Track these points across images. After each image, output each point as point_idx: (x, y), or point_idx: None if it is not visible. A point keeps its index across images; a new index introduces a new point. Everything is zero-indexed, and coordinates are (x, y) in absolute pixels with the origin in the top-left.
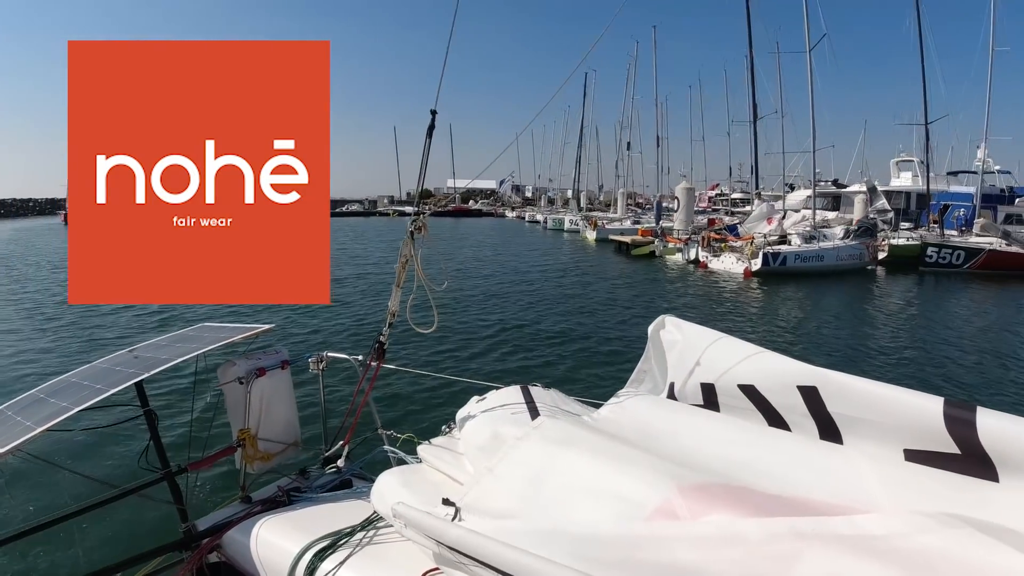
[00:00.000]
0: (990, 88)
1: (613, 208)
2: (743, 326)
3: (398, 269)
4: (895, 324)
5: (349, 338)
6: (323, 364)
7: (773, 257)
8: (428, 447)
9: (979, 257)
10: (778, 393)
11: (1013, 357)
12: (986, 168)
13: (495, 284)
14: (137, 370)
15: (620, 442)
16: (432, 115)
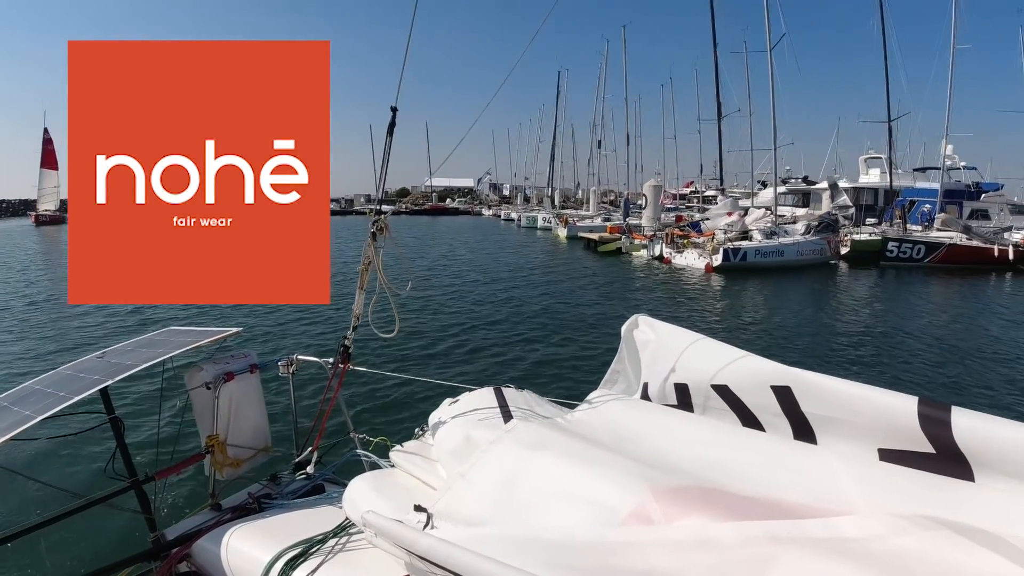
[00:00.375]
0: (951, 85)
1: (586, 206)
2: (704, 320)
3: (360, 271)
4: (852, 317)
5: (317, 337)
6: (293, 367)
7: (733, 253)
8: (400, 451)
9: (939, 251)
10: (752, 393)
11: (962, 348)
12: (952, 164)
13: (467, 283)
14: (102, 376)
15: (594, 445)
16: (392, 112)
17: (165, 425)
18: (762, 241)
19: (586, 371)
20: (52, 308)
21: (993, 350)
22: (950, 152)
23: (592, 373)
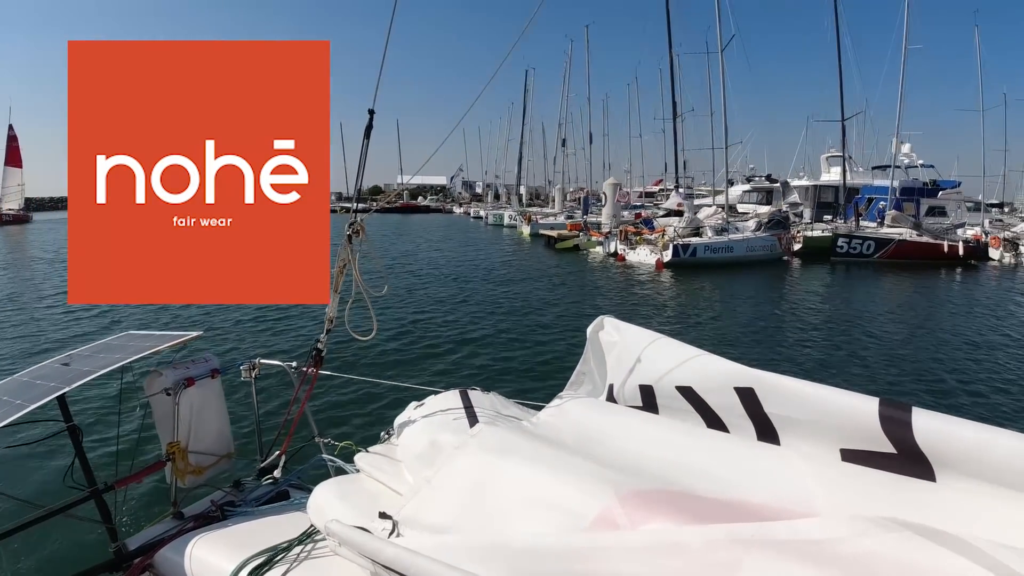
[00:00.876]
0: (902, 85)
1: (552, 203)
2: (654, 315)
3: (335, 274)
4: (799, 311)
5: (278, 339)
6: (255, 371)
7: (683, 248)
8: (366, 455)
9: (888, 247)
10: (716, 394)
11: (903, 339)
12: (910, 163)
13: (425, 280)
14: (59, 383)
15: (559, 448)
16: (370, 115)
17: (125, 432)
18: (712, 238)
19: (538, 371)
20: (14, 312)
21: (936, 340)
22: (907, 150)
23: (544, 371)
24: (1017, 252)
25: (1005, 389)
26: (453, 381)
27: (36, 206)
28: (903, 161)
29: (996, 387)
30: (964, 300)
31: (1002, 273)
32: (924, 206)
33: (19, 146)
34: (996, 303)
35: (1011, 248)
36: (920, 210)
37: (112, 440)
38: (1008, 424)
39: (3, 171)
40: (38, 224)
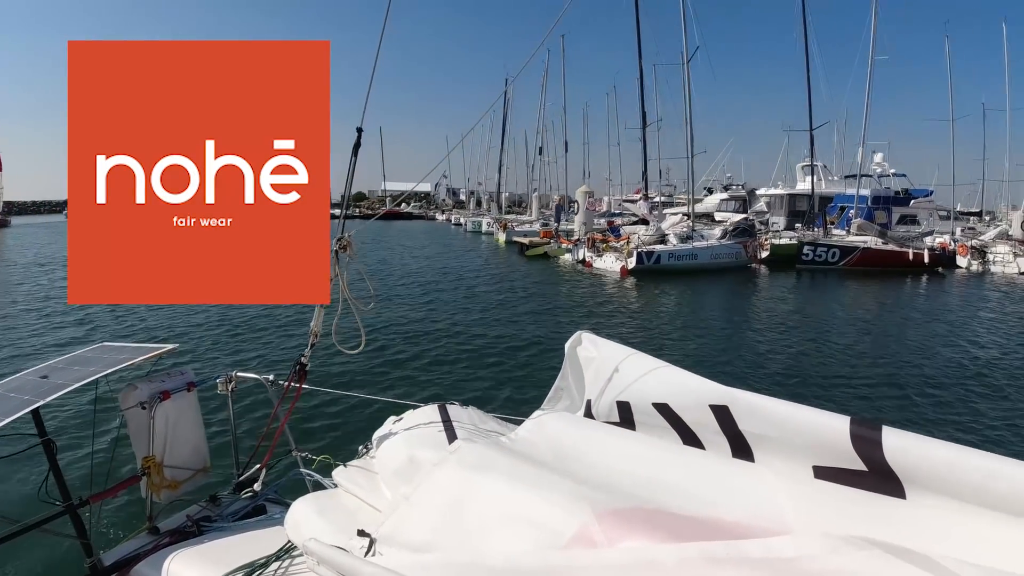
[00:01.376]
0: (868, 95)
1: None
2: (614, 320)
3: None
4: (759, 316)
5: (255, 351)
6: (232, 384)
7: (647, 256)
8: (344, 470)
9: (853, 255)
10: (691, 411)
11: (858, 344)
12: (882, 172)
13: (396, 289)
14: (33, 396)
15: (537, 465)
16: (358, 133)
17: (100, 446)
18: (676, 245)
19: (489, 379)
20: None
21: (884, 345)
22: (879, 160)
23: (496, 380)
24: (984, 260)
25: (932, 394)
26: (409, 391)
27: (17, 210)
28: (875, 170)
29: (923, 389)
30: (919, 307)
31: (967, 280)
32: (896, 214)
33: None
34: (949, 310)
35: (978, 256)
36: (892, 218)
37: (87, 454)
38: (932, 420)
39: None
40: (16, 228)
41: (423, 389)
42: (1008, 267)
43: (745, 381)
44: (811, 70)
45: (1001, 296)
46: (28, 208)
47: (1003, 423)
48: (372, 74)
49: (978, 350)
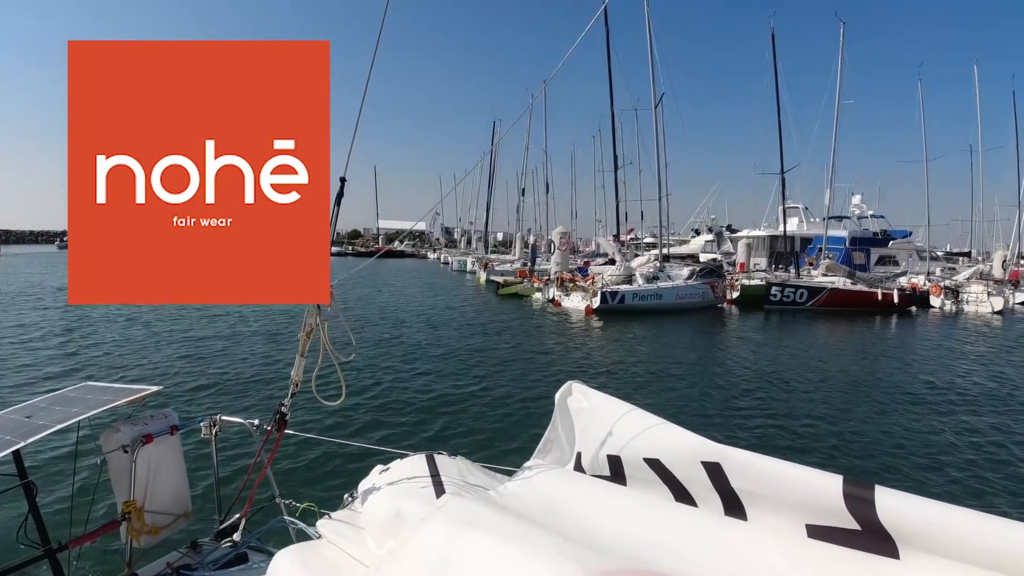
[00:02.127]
0: (835, 139)
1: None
2: (577, 357)
3: (302, 338)
4: (713, 355)
5: (241, 394)
6: (216, 428)
7: (611, 296)
8: (328, 521)
9: (821, 295)
10: (683, 467)
11: (818, 383)
12: (861, 213)
13: (368, 327)
14: (13, 437)
15: (527, 522)
16: (341, 183)
17: (80, 487)
18: (642, 285)
19: (444, 414)
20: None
21: (836, 386)
22: (858, 201)
23: (450, 419)
24: (957, 300)
25: (898, 443)
26: (364, 426)
27: (15, 238)
28: (854, 212)
29: (883, 438)
30: (879, 346)
31: (938, 320)
32: (874, 255)
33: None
34: (910, 350)
35: (951, 296)
36: (870, 259)
37: (67, 495)
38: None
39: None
40: (4, 259)
41: (365, 431)
42: (981, 306)
43: (701, 419)
44: (782, 115)
45: (965, 335)
46: (26, 237)
47: (961, 462)
48: (356, 123)
49: (926, 390)
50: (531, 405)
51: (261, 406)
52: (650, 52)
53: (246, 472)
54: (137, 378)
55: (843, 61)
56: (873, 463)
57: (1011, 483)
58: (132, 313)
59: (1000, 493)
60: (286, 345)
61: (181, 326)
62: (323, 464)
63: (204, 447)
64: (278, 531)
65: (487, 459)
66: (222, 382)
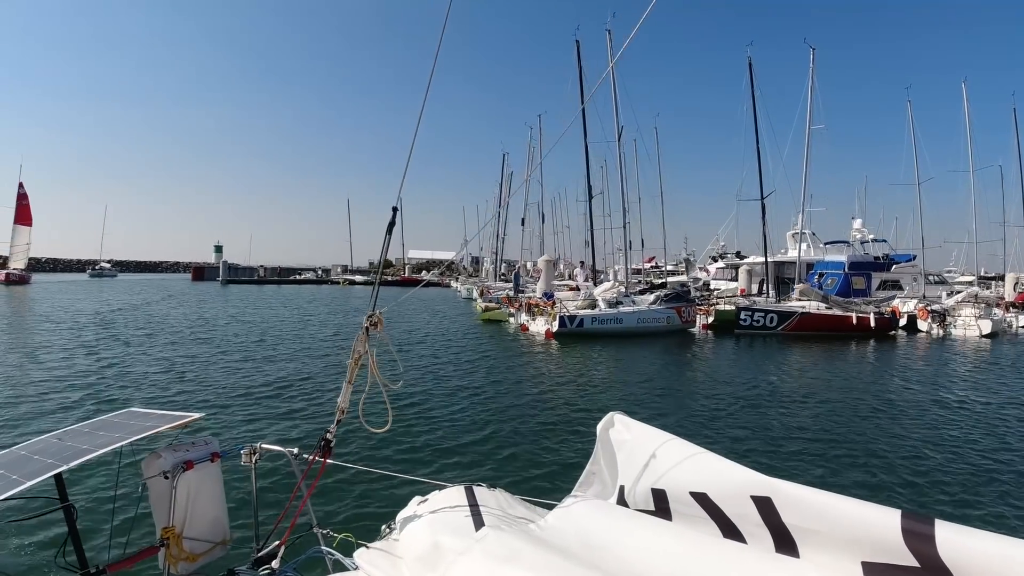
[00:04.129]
0: (806, 164)
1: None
2: (534, 376)
3: (350, 365)
4: (667, 377)
5: (277, 422)
6: (256, 456)
7: (570, 320)
8: (366, 552)
9: (792, 320)
10: (732, 502)
11: (742, 405)
12: (862, 238)
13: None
14: (56, 461)
15: (567, 557)
16: (393, 212)
17: (119, 513)
18: (602, 310)
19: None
20: (16, 376)
21: (777, 406)
22: (858, 226)
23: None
24: (944, 323)
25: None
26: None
27: (36, 267)
28: (855, 236)
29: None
30: (833, 370)
31: (916, 344)
32: (876, 280)
33: (29, 203)
34: (867, 374)
35: (939, 320)
36: (871, 284)
37: (106, 520)
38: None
39: (12, 229)
40: (37, 285)
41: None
42: (969, 330)
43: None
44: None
45: (932, 358)
46: (59, 266)
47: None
48: (408, 157)
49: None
50: (458, 416)
51: (307, 434)
52: (613, 88)
53: (284, 500)
54: (179, 404)
55: (813, 86)
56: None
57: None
58: (176, 339)
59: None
60: (321, 373)
61: (227, 352)
62: (362, 495)
63: (244, 474)
64: (315, 561)
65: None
66: (262, 410)
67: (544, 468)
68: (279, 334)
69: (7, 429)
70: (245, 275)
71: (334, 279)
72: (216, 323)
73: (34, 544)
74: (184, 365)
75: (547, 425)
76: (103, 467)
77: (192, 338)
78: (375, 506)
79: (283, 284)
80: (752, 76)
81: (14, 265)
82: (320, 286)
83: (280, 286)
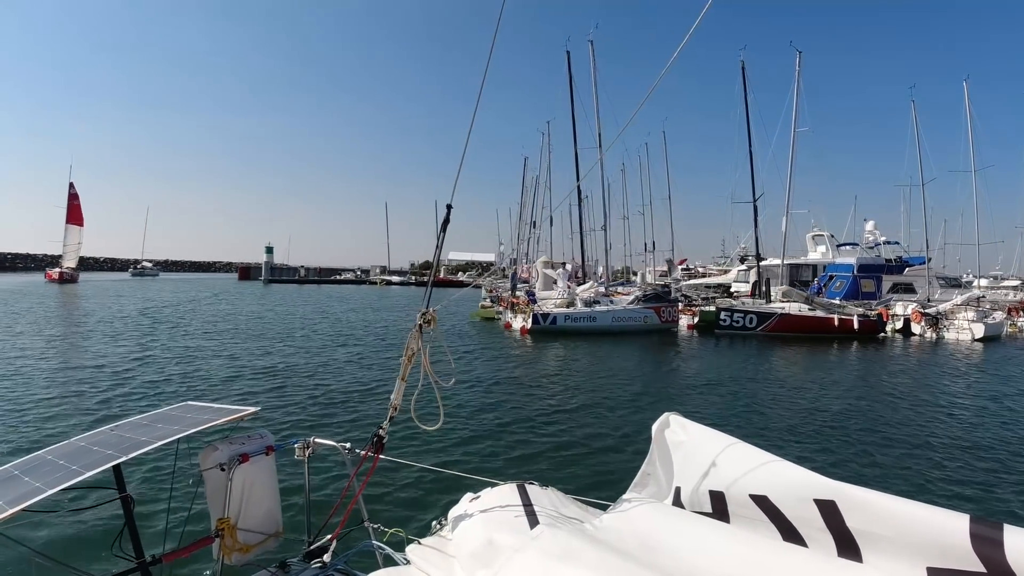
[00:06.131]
0: (791, 166)
1: None
2: (505, 368)
3: (403, 362)
4: (630, 372)
5: (332, 418)
6: (309, 450)
7: (543, 317)
8: (418, 548)
9: (771, 321)
10: (793, 505)
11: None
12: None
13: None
14: (115, 452)
15: (624, 557)
16: (448, 210)
17: (175, 504)
18: (578, 309)
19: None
20: (72, 370)
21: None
22: (871, 227)
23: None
24: (937, 327)
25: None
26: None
27: (95, 265)
28: (868, 238)
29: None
30: (799, 373)
31: (901, 347)
32: (887, 283)
33: (80, 204)
34: (828, 374)
35: (932, 323)
36: (881, 287)
37: (162, 510)
38: None
39: (64, 229)
40: (85, 284)
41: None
42: (962, 333)
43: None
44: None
45: (908, 362)
46: (104, 265)
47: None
48: (463, 155)
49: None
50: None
51: (359, 429)
52: (595, 99)
53: (336, 494)
54: (233, 398)
55: (799, 89)
56: None
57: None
58: (228, 338)
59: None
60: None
61: (280, 350)
62: (409, 489)
63: (296, 468)
64: (365, 555)
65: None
66: (315, 404)
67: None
68: (327, 329)
69: (60, 420)
70: (287, 275)
71: (372, 279)
72: (264, 319)
73: (92, 533)
74: (232, 358)
75: (490, 405)
76: (158, 458)
77: (240, 333)
78: (423, 502)
79: (323, 284)
80: (745, 80)
81: (66, 264)
82: (359, 286)
83: (320, 286)
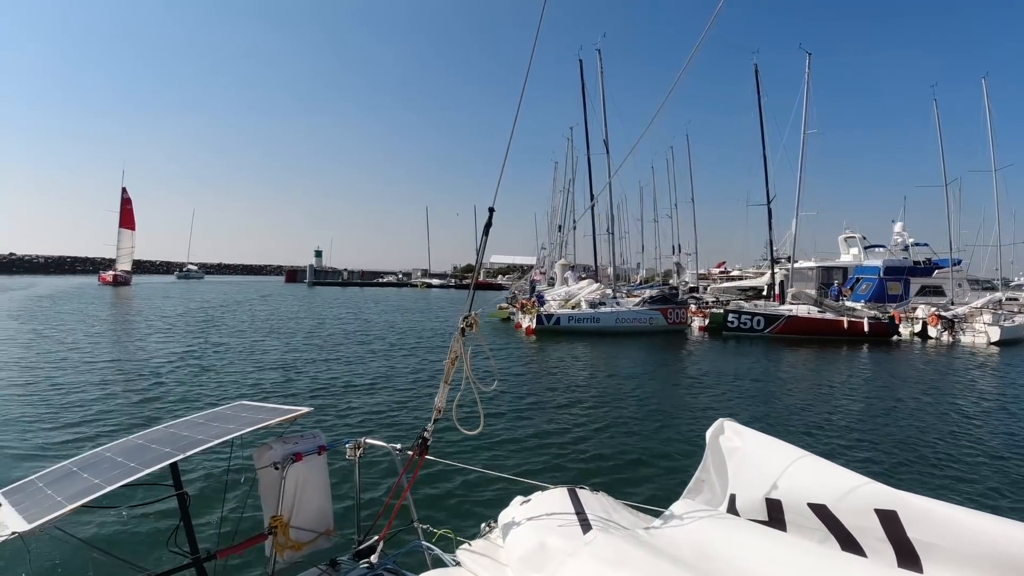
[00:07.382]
0: (801, 168)
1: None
2: (510, 363)
3: (447, 365)
4: (628, 372)
5: (384, 419)
6: (360, 451)
7: (547, 318)
8: (468, 550)
9: (779, 322)
10: (853, 515)
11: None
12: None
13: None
14: (172, 450)
15: (677, 564)
16: (490, 213)
17: (229, 502)
18: (582, 310)
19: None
20: (125, 369)
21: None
22: (899, 229)
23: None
24: (953, 331)
25: None
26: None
27: (147, 268)
28: (897, 240)
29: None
30: (795, 376)
31: (913, 350)
32: (915, 285)
33: (132, 208)
34: (826, 378)
35: (948, 326)
36: (909, 290)
37: (214, 507)
38: None
39: (118, 233)
40: (137, 286)
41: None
42: (978, 337)
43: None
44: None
45: (914, 365)
46: (159, 268)
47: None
48: (505, 157)
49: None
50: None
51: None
52: (603, 105)
53: (385, 494)
54: (285, 399)
55: (809, 91)
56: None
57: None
58: (288, 342)
59: None
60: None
61: (331, 353)
62: (458, 490)
63: (347, 467)
64: (415, 555)
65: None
66: (368, 405)
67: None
68: (375, 333)
69: (114, 416)
70: (330, 278)
71: (413, 282)
72: (304, 321)
73: (148, 529)
74: (283, 360)
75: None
76: (212, 457)
77: (293, 334)
78: (469, 501)
79: (365, 287)
80: (758, 84)
81: (120, 267)
82: (400, 289)
83: (363, 288)
